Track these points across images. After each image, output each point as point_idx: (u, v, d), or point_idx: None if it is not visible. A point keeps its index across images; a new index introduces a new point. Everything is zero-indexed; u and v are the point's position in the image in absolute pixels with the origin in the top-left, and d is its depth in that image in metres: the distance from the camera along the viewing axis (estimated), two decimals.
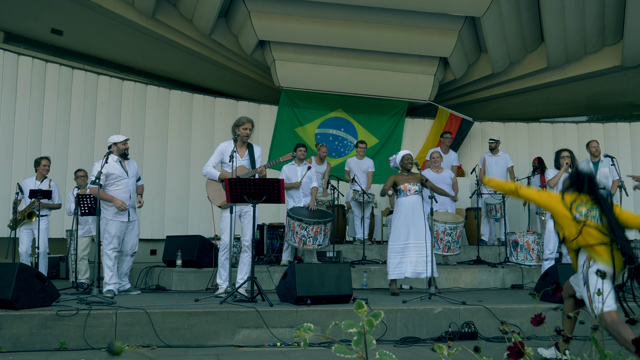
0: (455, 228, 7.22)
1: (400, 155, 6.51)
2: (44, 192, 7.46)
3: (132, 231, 6.53)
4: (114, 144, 6.45)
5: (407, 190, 6.36)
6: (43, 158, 7.86)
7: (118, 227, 6.34)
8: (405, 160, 6.45)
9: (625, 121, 11.83)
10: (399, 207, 6.39)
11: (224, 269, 6.05)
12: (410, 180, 6.38)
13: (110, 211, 6.30)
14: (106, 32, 10.62)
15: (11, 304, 4.76)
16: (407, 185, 6.36)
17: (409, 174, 6.46)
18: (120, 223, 6.35)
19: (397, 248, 6.31)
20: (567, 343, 1.83)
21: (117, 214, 6.33)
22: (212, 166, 6.12)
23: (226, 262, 6.05)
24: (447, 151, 9.80)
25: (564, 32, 10.04)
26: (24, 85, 9.37)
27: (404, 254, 6.27)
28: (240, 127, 6.07)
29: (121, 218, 6.36)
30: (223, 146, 6.16)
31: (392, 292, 6.41)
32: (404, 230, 6.28)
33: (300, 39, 10.53)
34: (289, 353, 4.47)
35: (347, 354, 1.40)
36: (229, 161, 6.00)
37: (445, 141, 9.86)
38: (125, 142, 6.54)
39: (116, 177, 6.37)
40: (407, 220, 6.29)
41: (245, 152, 6.18)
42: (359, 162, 9.29)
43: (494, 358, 1.77)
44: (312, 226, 7.06)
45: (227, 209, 6.03)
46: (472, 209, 9.33)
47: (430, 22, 10.09)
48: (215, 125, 11.05)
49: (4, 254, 8.38)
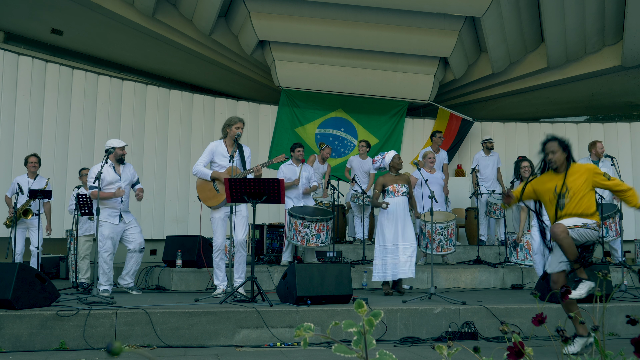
0: (446, 227, 7.23)
1: (391, 155, 6.48)
2: (44, 192, 7.45)
3: (131, 229, 6.51)
4: (112, 149, 6.45)
5: (395, 191, 6.36)
6: (31, 155, 7.85)
7: (111, 229, 6.32)
8: (395, 160, 6.45)
9: (625, 121, 11.83)
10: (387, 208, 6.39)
11: (219, 270, 6.06)
12: (398, 181, 6.38)
13: (103, 213, 6.28)
14: (106, 32, 10.63)
15: (11, 304, 4.76)
16: (395, 187, 6.36)
17: (397, 175, 6.45)
18: (111, 225, 6.33)
19: (382, 249, 6.30)
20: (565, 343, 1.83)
21: (109, 216, 6.32)
22: (203, 165, 6.09)
23: (221, 262, 6.06)
24: (437, 150, 9.79)
25: (564, 32, 10.04)
26: (24, 85, 9.37)
27: (391, 255, 6.25)
28: (233, 127, 6.05)
29: (113, 220, 6.34)
30: (213, 145, 6.12)
31: (385, 292, 6.39)
32: (391, 232, 6.27)
33: (300, 39, 10.53)
34: (289, 353, 4.47)
35: (347, 354, 1.40)
36: (229, 161, 5.99)
37: (437, 140, 9.81)
38: (123, 148, 6.54)
39: (108, 182, 6.36)
40: (394, 221, 6.28)
41: (236, 153, 6.17)
42: (361, 162, 9.29)
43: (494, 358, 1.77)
44: (314, 224, 7.06)
45: (217, 209, 6.02)
46: (472, 209, 9.34)
47: (430, 22, 10.09)
48: (215, 125, 11.04)
49: (4, 254, 8.37)
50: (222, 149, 6.08)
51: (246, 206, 6.05)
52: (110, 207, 6.35)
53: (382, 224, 6.34)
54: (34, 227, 7.57)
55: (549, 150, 4.42)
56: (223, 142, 6.12)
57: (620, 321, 5.34)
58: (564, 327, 1.80)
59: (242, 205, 6.00)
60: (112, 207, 6.36)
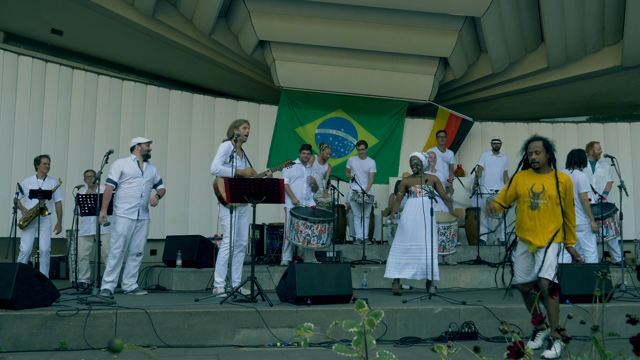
0: (449, 227, 7.24)
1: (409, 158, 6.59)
2: (44, 192, 7.46)
3: (140, 231, 6.54)
4: (137, 145, 6.58)
5: (417, 192, 6.40)
6: (43, 156, 7.87)
7: (126, 225, 6.35)
8: (410, 162, 6.51)
9: (625, 121, 11.83)
10: (408, 208, 6.41)
11: (225, 267, 6.04)
12: (420, 182, 6.40)
13: (121, 208, 6.35)
14: (106, 32, 10.62)
15: (11, 304, 4.76)
16: (417, 187, 6.40)
17: (421, 176, 6.45)
18: (129, 221, 6.37)
19: (402, 248, 6.30)
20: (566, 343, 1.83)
21: (127, 210, 6.36)
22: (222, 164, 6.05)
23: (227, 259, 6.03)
24: (443, 150, 9.81)
25: (564, 32, 10.04)
26: (24, 85, 9.37)
27: (408, 255, 6.26)
28: (240, 127, 6.10)
29: (131, 215, 6.39)
30: (227, 146, 6.11)
31: (394, 291, 6.40)
32: (411, 232, 6.28)
33: (300, 39, 10.53)
34: (289, 353, 4.47)
35: (348, 354, 1.40)
36: (229, 161, 5.99)
37: (440, 140, 9.85)
38: (148, 144, 6.67)
39: (130, 176, 6.43)
40: (415, 221, 6.30)
41: (242, 154, 6.24)
42: (360, 162, 9.30)
43: (494, 358, 1.77)
44: (317, 225, 7.06)
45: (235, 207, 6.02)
46: (472, 209, 9.33)
47: (430, 22, 10.08)
48: (215, 125, 11.05)
49: (4, 254, 8.37)
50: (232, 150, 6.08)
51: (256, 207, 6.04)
52: (129, 202, 6.38)
53: (403, 223, 6.36)
54: (44, 229, 7.59)
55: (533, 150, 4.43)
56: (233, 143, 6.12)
57: (620, 321, 5.34)
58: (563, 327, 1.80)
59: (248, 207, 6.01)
60: (130, 202, 6.38)
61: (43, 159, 7.81)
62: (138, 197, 6.45)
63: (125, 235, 6.37)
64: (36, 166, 7.82)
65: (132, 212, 6.41)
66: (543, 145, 4.41)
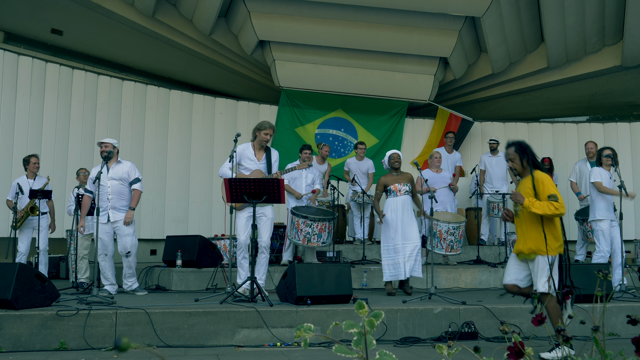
0: (458, 227, 7.26)
1: (388, 155, 6.57)
2: (44, 192, 7.45)
3: (119, 232, 6.41)
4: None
5: (397, 190, 6.39)
6: (32, 156, 7.81)
7: (100, 229, 6.23)
8: (392, 159, 6.49)
9: (625, 121, 11.83)
10: (388, 207, 6.42)
11: (242, 269, 5.94)
12: (400, 181, 6.42)
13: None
14: (106, 32, 10.62)
15: (11, 304, 4.76)
16: (397, 186, 6.40)
17: (399, 174, 6.49)
18: (101, 225, 6.25)
19: (389, 249, 6.35)
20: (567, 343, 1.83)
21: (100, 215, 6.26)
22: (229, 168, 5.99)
23: (244, 261, 5.95)
24: (451, 151, 9.80)
25: (564, 32, 10.03)
26: (24, 85, 9.37)
27: (397, 254, 6.31)
28: (262, 132, 6.02)
29: (101, 219, 6.25)
30: (240, 148, 6.06)
31: (388, 292, 6.43)
32: (394, 231, 6.32)
33: (300, 39, 10.53)
34: (289, 353, 4.47)
35: (348, 354, 1.40)
36: (229, 161, 5.98)
37: (448, 141, 9.86)
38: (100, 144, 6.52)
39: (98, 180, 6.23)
40: (397, 220, 6.33)
41: (262, 156, 6.10)
42: (358, 163, 9.29)
43: (494, 358, 1.77)
44: (317, 223, 7.07)
45: (242, 209, 5.99)
46: (472, 209, 9.33)
47: (430, 22, 10.08)
48: (215, 125, 11.05)
49: (4, 254, 8.37)
50: (249, 152, 6.05)
51: (272, 208, 6.01)
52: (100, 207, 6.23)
53: (386, 223, 6.38)
54: (41, 228, 7.57)
55: (508, 158, 4.41)
56: (251, 145, 6.09)
57: (620, 321, 5.34)
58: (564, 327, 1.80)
59: (268, 208, 5.95)
60: (100, 206, 6.21)
61: (32, 159, 7.76)
62: (105, 200, 6.31)
63: (101, 238, 6.25)
64: (25, 166, 7.74)
65: (102, 215, 6.26)
66: (515, 151, 4.35)
